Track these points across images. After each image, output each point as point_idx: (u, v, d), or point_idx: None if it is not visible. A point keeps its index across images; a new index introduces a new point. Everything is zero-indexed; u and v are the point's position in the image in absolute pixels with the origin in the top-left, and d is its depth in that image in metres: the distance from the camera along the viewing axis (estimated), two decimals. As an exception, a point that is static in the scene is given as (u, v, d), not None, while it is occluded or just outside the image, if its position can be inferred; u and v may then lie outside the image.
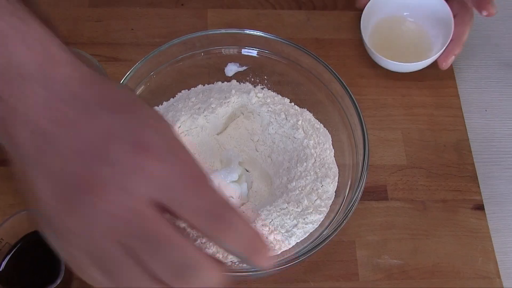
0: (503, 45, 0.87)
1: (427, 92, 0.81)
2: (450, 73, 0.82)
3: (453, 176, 0.75)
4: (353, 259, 0.68)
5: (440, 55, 0.78)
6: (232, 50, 0.71)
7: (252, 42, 0.71)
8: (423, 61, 0.77)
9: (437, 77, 0.81)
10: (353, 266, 0.68)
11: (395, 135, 0.77)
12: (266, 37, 0.70)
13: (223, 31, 0.69)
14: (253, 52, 0.71)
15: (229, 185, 0.65)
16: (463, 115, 0.79)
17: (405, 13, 0.83)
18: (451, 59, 0.78)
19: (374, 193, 0.73)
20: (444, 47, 0.77)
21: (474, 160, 0.76)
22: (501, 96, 0.83)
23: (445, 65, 0.79)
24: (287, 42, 0.69)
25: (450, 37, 0.77)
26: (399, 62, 0.77)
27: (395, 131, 0.77)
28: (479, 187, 0.74)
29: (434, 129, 0.78)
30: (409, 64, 0.77)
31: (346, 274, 0.68)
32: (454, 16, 0.78)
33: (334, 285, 0.67)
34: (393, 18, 0.83)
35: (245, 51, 0.71)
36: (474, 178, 0.75)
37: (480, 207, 0.73)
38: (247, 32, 0.69)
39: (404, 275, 0.68)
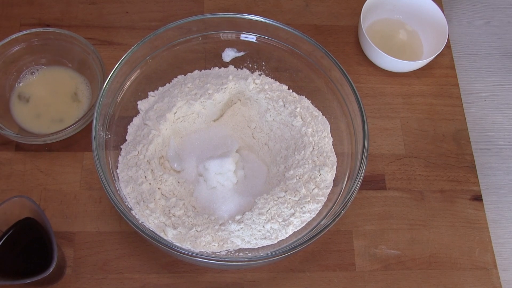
0: (504, 34, 0.86)
1: (426, 81, 0.80)
2: (450, 62, 0.81)
3: (451, 166, 0.74)
4: (350, 249, 0.68)
5: None
6: (230, 35, 0.70)
7: (251, 27, 0.69)
8: (415, 62, 0.76)
9: (437, 66, 0.80)
10: (350, 256, 0.67)
11: (394, 124, 0.76)
12: (265, 22, 0.68)
13: (221, 15, 0.68)
14: (252, 38, 0.70)
15: (226, 174, 0.64)
16: (462, 104, 0.78)
17: (399, 17, 0.83)
18: None
19: (372, 183, 0.72)
20: (437, 53, 0.76)
21: (473, 150, 0.75)
22: (501, 86, 0.82)
23: None
24: (288, 28, 0.68)
25: (445, 43, 0.76)
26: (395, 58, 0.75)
27: (394, 119, 0.76)
28: (477, 177, 0.73)
29: (433, 119, 0.77)
30: (402, 62, 0.75)
31: (343, 264, 0.67)
32: None
33: (331, 275, 0.66)
34: (387, 21, 0.83)
35: (243, 36, 0.70)
36: (472, 168, 0.74)
37: (478, 198, 0.72)
38: (246, 17, 0.68)
39: (401, 266, 0.67)
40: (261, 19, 0.68)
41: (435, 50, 0.77)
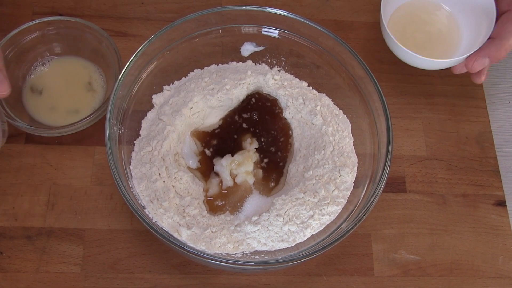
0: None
1: (449, 81, 0.77)
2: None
3: (474, 170, 0.71)
4: (369, 253, 0.65)
5: (470, 55, 0.65)
6: (252, 29, 0.67)
7: (271, 21, 0.67)
8: (445, 60, 0.67)
9: (460, 65, 0.78)
10: (368, 260, 0.65)
11: (415, 124, 0.74)
12: (287, 16, 0.65)
13: (243, 8, 0.65)
14: (274, 32, 0.67)
15: (244, 175, 0.62)
16: (486, 106, 0.76)
17: None
18: (480, 62, 0.65)
19: (392, 185, 0.69)
20: (478, 47, 0.66)
21: (497, 153, 0.73)
22: (527, 88, 0.79)
23: (472, 68, 0.65)
24: (313, 24, 0.65)
25: (489, 34, 0.66)
26: (419, 55, 0.66)
27: (415, 120, 0.74)
28: (501, 182, 0.71)
29: (456, 120, 0.74)
30: (429, 60, 0.67)
31: (360, 269, 0.65)
32: (502, 13, 0.66)
33: (348, 279, 0.64)
34: (420, 2, 0.74)
35: (265, 31, 0.67)
36: (496, 172, 0.71)
37: (502, 203, 0.69)
38: (269, 10, 0.65)
39: (421, 272, 0.65)
40: (284, 13, 0.65)
41: (478, 40, 0.67)
